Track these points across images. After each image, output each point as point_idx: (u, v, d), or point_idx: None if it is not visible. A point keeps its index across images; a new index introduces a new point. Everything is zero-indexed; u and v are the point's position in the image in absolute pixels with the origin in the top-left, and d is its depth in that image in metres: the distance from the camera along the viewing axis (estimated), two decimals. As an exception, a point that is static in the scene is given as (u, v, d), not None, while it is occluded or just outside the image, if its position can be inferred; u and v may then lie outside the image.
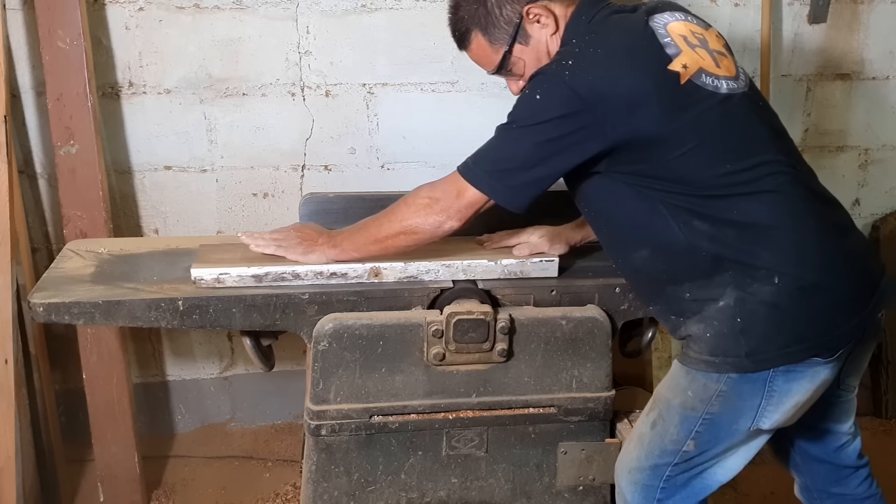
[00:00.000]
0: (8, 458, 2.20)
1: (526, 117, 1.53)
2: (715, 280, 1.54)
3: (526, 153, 1.53)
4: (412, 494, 1.84)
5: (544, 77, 1.53)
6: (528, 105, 1.53)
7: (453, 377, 1.77)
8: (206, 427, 2.92)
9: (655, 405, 1.67)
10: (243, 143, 2.62)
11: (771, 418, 1.57)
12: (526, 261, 1.83)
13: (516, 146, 1.55)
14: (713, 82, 1.53)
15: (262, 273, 1.76)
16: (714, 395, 1.56)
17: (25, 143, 2.53)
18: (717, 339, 1.54)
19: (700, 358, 1.57)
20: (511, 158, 1.55)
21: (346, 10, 2.54)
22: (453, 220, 1.62)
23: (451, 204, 1.61)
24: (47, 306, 1.70)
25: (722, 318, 1.54)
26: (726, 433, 1.60)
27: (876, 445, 2.88)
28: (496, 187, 1.57)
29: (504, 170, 1.56)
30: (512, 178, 1.55)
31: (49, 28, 2.30)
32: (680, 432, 1.61)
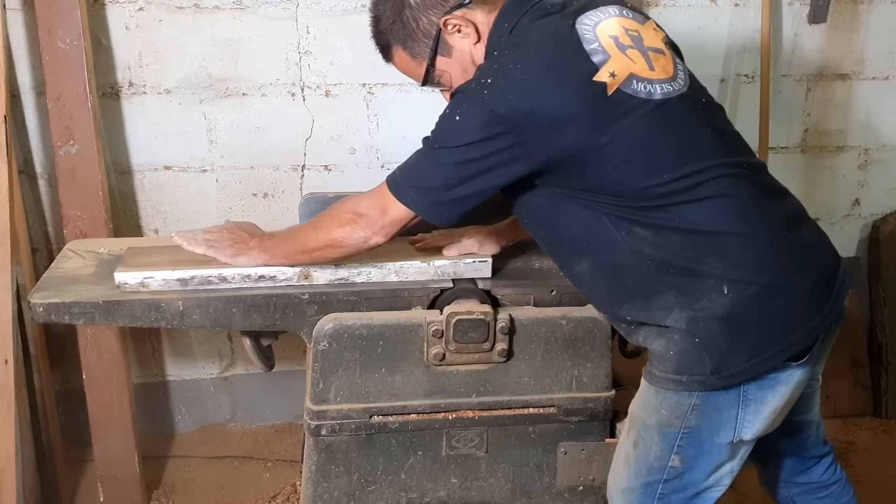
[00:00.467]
0: (8, 458, 2.20)
1: (446, 138, 1.49)
2: (656, 301, 1.49)
3: (448, 173, 1.49)
4: (412, 494, 1.84)
5: (463, 97, 1.49)
6: (449, 125, 1.49)
7: (453, 377, 1.77)
8: (206, 427, 2.92)
9: (633, 425, 1.62)
10: (243, 143, 2.62)
11: (752, 427, 1.52)
12: (459, 262, 1.82)
13: (438, 166, 1.51)
14: (645, 88, 1.46)
15: (188, 277, 1.73)
16: (688, 411, 1.51)
17: (25, 143, 2.53)
18: (681, 356, 1.49)
19: (666, 377, 1.51)
20: (434, 177, 1.51)
21: (346, 10, 2.54)
22: (378, 236, 1.60)
23: (377, 220, 1.58)
24: (47, 306, 1.70)
25: (677, 337, 1.49)
26: (709, 446, 1.55)
27: (876, 445, 2.88)
28: (421, 204, 1.54)
29: (428, 188, 1.52)
30: (437, 196, 1.52)
31: (49, 28, 2.30)
32: (662, 449, 1.56)
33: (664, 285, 1.48)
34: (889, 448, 2.88)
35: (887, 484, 2.67)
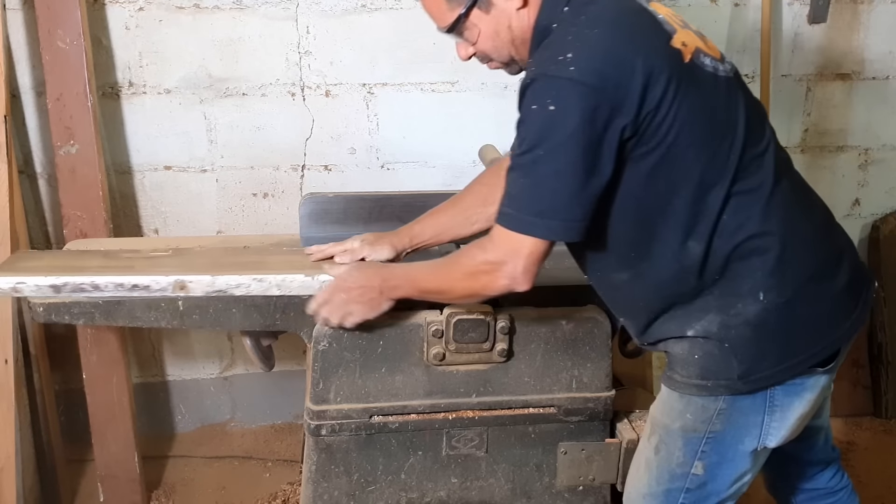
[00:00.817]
0: (8, 458, 2.20)
1: (549, 135, 1.33)
2: (696, 304, 1.46)
3: (569, 176, 1.34)
4: (412, 494, 1.84)
5: (548, 83, 1.34)
6: (545, 121, 1.34)
7: (453, 377, 1.77)
8: (206, 427, 2.92)
9: (654, 430, 1.59)
10: (243, 143, 2.62)
11: (777, 434, 1.50)
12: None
13: (554, 174, 1.35)
14: (710, 63, 1.42)
15: (60, 283, 1.67)
16: (714, 415, 1.49)
17: (25, 143, 2.53)
18: (707, 361, 1.46)
19: (690, 382, 1.49)
20: (557, 188, 1.35)
21: (346, 10, 2.54)
22: (522, 284, 1.44)
23: (517, 265, 1.41)
24: (47, 306, 1.71)
25: (706, 342, 1.46)
26: (733, 453, 1.52)
27: (876, 445, 2.88)
28: (555, 227, 1.38)
29: (555, 205, 1.36)
30: (567, 208, 1.37)
31: (49, 28, 2.30)
32: (686, 454, 1.54)
33: (706, 289, 1.45)
34: (889, 448, 2.88)
35: (887, 484, 2.66)
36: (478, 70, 2.63)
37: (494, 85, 2.68)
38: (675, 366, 1.52)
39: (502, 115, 2.71)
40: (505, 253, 1.42)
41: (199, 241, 2.09)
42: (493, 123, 2.70)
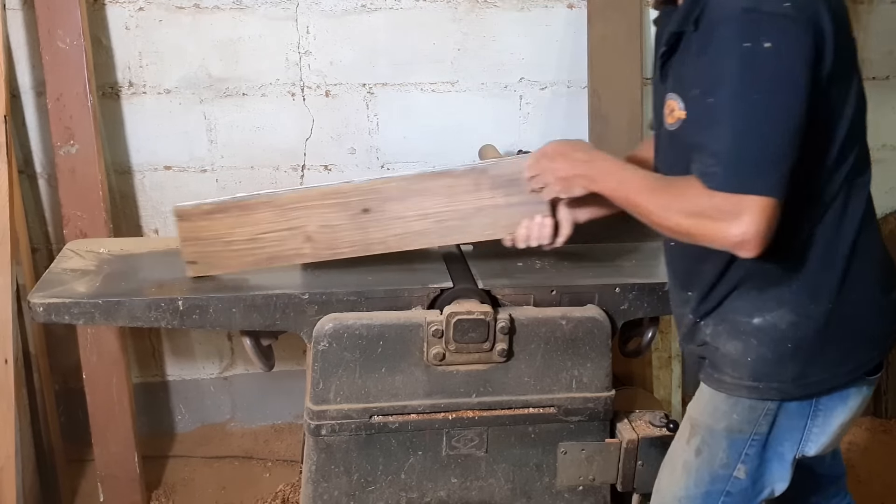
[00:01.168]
0: (8, 458, 2.20)
1: (764, 78, 1.21)
2: (769, 293, 1.41)
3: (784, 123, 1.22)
4: (412, 494, 1.84)
5: (761, 18, 1.21)
6: (759, 61, 1.20)
7: (453, 377, 1.77)
8: (206, 427, 2.92)
9: (696, 432, 1.55)
10: (243, 143, 2.62)
11: (817, 442, 1.49)
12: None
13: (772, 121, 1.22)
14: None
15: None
16: (761, 416, 1.46)
17: (25, 143, 2.53)
18: (760, 363, 1.43)
19: (741, 384, 1.45)
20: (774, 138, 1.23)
21: (346, 10, 2.54)
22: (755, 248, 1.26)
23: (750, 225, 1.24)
24: (47, 306, 1.70)
25: (766, 339, 1.42)
26: (773, 459, 1.51)
27: (876, 445, 2.88)
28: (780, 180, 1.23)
29: (778, 154, 1.23)
30: (788, 157, 1.23)
31: (49, 28, 2.30)
32: (729, 456, 1.51)
33: (788, 280, 1.40)
34: (889, 448, 2.88)
35: (887, 484, 2.66)
36: (478, 70, 2.65)
37: (494, 85, 2.68)
38: (724, 366, 1.48)
39: (502, 115, 2.71)
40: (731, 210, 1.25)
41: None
42: (493, 123, 2.71)
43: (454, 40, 2.62)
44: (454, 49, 2.63)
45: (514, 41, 2.64)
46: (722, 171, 1.24)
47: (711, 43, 1.26)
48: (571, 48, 2.67)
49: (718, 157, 1.25)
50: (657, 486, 1.68)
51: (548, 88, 2.72)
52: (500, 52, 2.65)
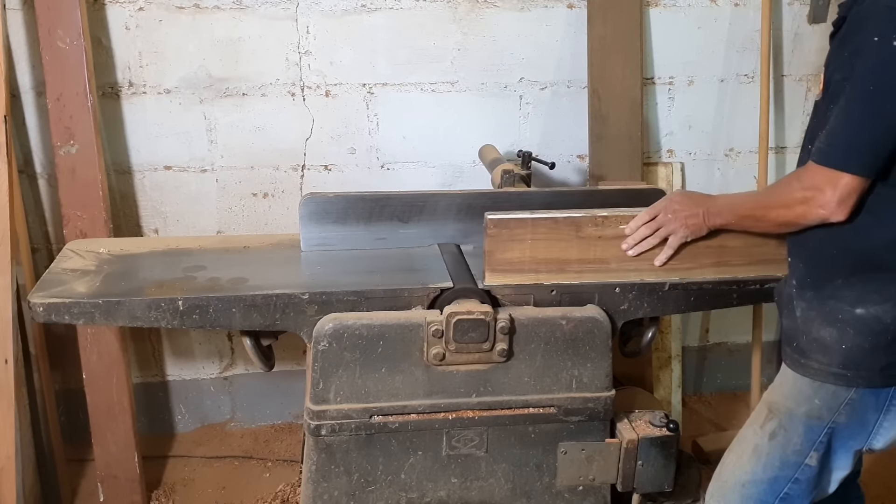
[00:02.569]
0: (8, 458, 2.20)
1: (883, 71, 1.33)
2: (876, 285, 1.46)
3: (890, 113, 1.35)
4: (412, 494, 1.84)
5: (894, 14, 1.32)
6: (883, 54, 1.32)
7: (453, 377, 1.77)
8: (206, 427, 2.92)
9: (773, 415, 1.59)
10: (243, 143, 2.62)
11: (886, 436, 1.53)
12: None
13: (878, 109, 1.35)
14: None
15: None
16: (843, 403, 1.50)
17: (25, 143, 2.53)
18: (854, 352, 1.47)
19: (828, 370, 1.49)
20: (874, 125, 1.37)
21: (346, 10, 2.54)
22: (838, 214, 1.45)
23: (832, 196, 1.43)
24: (47, 306, 1.70)
25: (865, 330, 1.46)
26: (842, 450, 1.55)
27: (876, 445, 2.88)
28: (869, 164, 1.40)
29: (866, 141, 1.38)
30: (875, 147, 1.38)
31: (49, 28, 2.30)
32: (804, 442, 1.55)
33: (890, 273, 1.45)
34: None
35: (887, 484, 2.66)
36: (478, 70, 2.65)
37: (494, 85, 2.68)
38: (813, 352, 1.52)
39: (502, 115, 2.71)
40: (820, 184, 1.45)
41: (199, 241, 2.09)
42: (493, 123, 2.71)
43: (454, 40, 2.62)
44: (454, 49, 2.63)
45: (514, 41, 2.64)
46: (828, 147, 1.42)
47: (855, 34, 1.38)
48: (571, 48, 2.67)
49: (830, 134, 1.42)
50: (718, 472, 1.69)
51: (548, 88, 2.72)
52: (500, 52, 2.65)
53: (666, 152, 2.85)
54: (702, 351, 3.15)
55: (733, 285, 1.86)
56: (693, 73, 2.77)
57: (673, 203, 1.77)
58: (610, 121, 2.67)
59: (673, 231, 1.76)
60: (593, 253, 1.81)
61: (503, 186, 2.18)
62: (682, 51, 2.74)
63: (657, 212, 1.77)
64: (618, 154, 2.68)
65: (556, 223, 1.78)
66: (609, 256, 1.81)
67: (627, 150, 2.69)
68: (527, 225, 1.78)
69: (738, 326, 3.06)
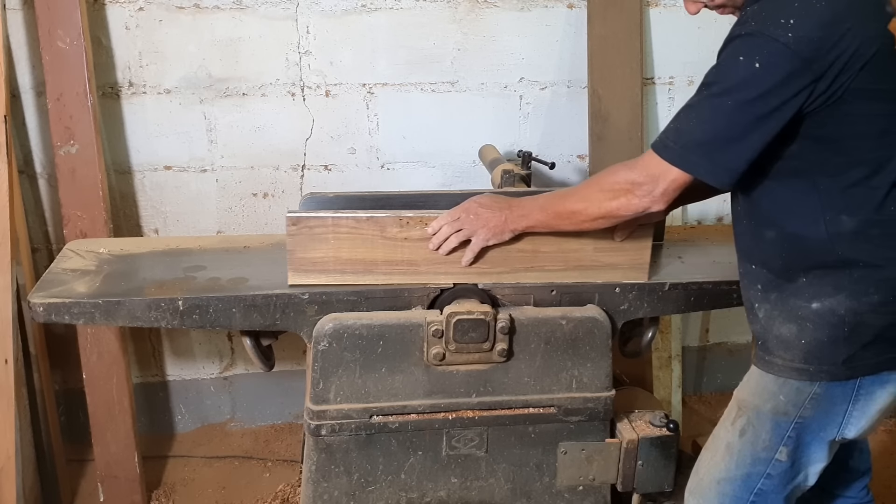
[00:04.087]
0: (8, 458, 2.20)
1: (745, 86, 1.38)
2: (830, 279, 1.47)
3: (744, 126, 1.40)
4: (412, 494, 1.84)
5: (762, 41, 1.37)
6: (746, 72, 1.38)
7: (453, 377, 1.77)
8: (206, 427, 2.92)
9: (742, 412, 1.60)
10: (243, 143, 2.62)
11: (857, 425, 1.53)
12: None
13: (733, 119, 1.40)
14: None
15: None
16: (807, 399, 1.51)
17: (25, 143, 2.53)
18: (813, 346, 1.49)
19: (791, 366, 1.51)
20: (725, 132, 1.41)
21: (346, 10, 2.54)
22: (658, 203, 1.52)
23: (654, 188, 1.50)
24: (47, 306, 1.70)
25: (823, 324, 1.48)
26: (814, 442, 1.55)
27: (876, 446, 2.88)
28: (709, 166, 1.45)
29: (714, 147, 1.43)
30: (723, 154, 1.43)
31: (49, 28, 2.30)
32: (772, 438, 1.56)
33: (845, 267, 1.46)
34: (890, 448, 2.88)
35: (887, 484, 2.67)
36: (478, 70, 2.65)
37: (494, 85, 2.68)
38: (776, 349, 1.53)
39: (502, 115, 2.71)
40: (650, 175, 1.50)
41: (199, 241, 2.09)
42: (493, 123, 2.70)
43: (454, 40, 2.62)
44: (454, 49, 2.63)
45: (514, 41, 2.64)
46: (674, 146, 1.47)
47: (724, 51, 1.45)
48: (571, 48, 2.67)
49: (677, 134, 1.47)
50: (696, 469, 1.71)
51: (548, 88, 2.72)
52: (500, 52, 2.65)
53: (666, 152, 2.85)
54: (702, 351, 3.15)
55: (733, 285, 1.86)
56: (693, 73, 2.77)
57: (475, 204, 1.73)
58: (610, 121, 2.67)
59: (474, 233, 1.72)
60: (400, 254, 1.76)
61: (503, 186, 2.18)
62: (682, 51, 2.74)
63: (459, 213, 1.73)
64: (618, 154, 2.68)
65: (357, 223, 1.72)
66: (417, 258, 1.76)
67: (627, 150, 2.69)
68: (328, 224, 1.72)
69: (738, 326, 3.06)
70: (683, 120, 1.47)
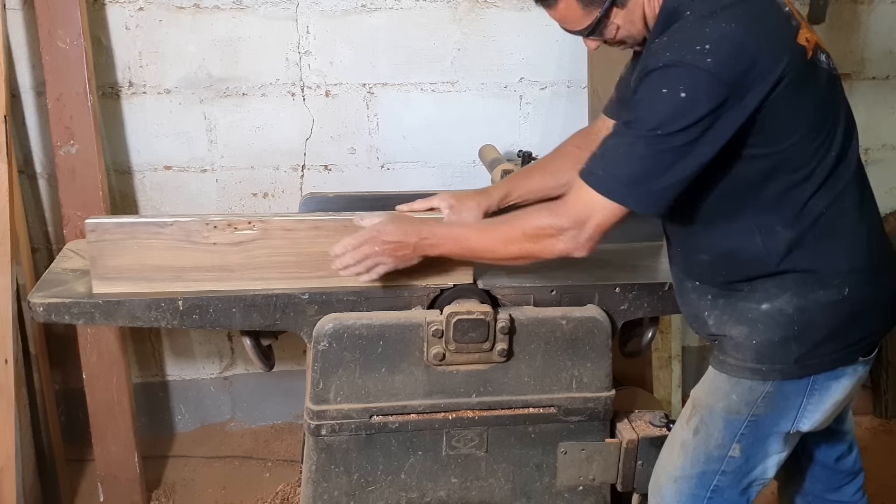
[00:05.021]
0: (8, 458, 2.20)
1: (671, 118, 1.37)
2: (773, 281, 1.49)
3: (674, 156, 1.39)
4: (412, 494, 1.84)
5: (684, 70, 1.36)
6: (671, 104, 1.37)
7: (453, 377, 1.77)
8: (206, 427, 2.92)
9: (696, 411, 1.62)
10: (243, 143, 2.62)
11: (811, 419, 1.54)
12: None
13: (661, 152, 1.39)
14: (825, 60, 1.46)
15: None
16: (760, 398, 1.52)
17: (25, 143, 2.53)
18: (765, 346, 1.50)
19: (744, 366, 1.52)
20: (656, 165, 1.40)
21: (346, 10, 2.54)
22: (582, 250, 1.49)
23: (580, 233, 1.47)
24: (47, 306, 1.70)
25: (772, 324, 1.49)
26: (768, 436, 1.56)
27: (876, 445, 2.88)
28: (640, 199, 1.42)
29: (645, 178, 1.41)
30: (659, 185, 1.41)
31: (49, 28, 2.30)
32: (725, 436, 1.57)
33: (787, 271, 1.48)
34: (889, 448, 2.88)
35: (887, 484, 2.66)
36: (478, 70, 2.65)
37: (494, 85, 2.68)
38: (729, 349, 1.54)
39: (502, 115, 2.71)
40: (576, 217, 1.47)
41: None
42: (493, 123, 2.70)
43: (454, 40, 2.62)
44: (454, 49, 2.63)
45: (514, 41, 2.64)
46: (604, 174, 1.43)
47: (641, 86, 1.42)
48: (571, 48, 2.67)
49: (606, 164, 1.44)
50: (655, 468, 1.73)
51: (548, 88, 2.72)
52: (500, 52, 2.65)
53: (666, 152, 2.85)
54: (702, 351, 3.14)
55: (733, 285, 1.86)
56: (693, 73, 2.77)
57: (381, 233, 1.65)
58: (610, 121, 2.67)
59: (380, 262, 1.65)
60: (212, 260, 1.69)
61: (503, 186, 2.17)
62: (682, 51, 2.74)
63: (363, 242, 1.65)
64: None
65: (161, 227, 1.66)
66: (232, 263, 1.70)
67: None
68: (126, 229, 1.66)
69: (738, 326, 3.06)
70: (612, 153, 1.44)
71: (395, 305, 1.77)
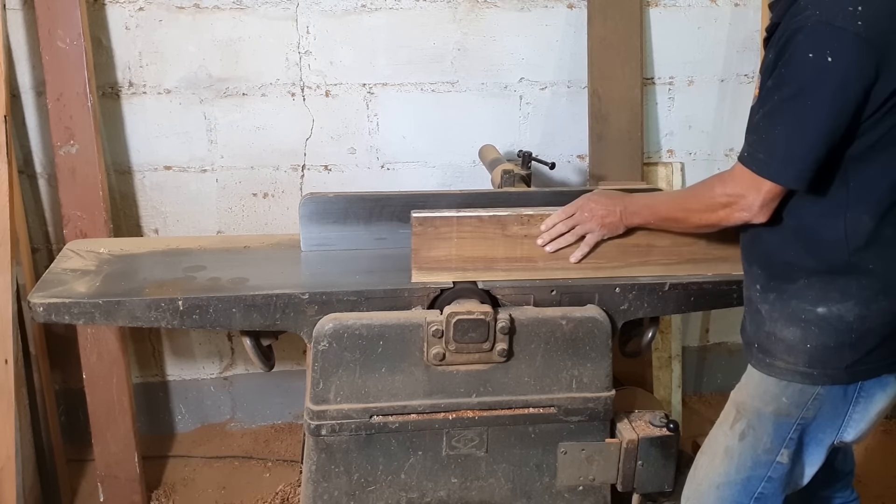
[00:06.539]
0: (8, 458, 2.20)
1: (819, 88, 1.33)
2: (836, 284, 1.46)
3: (821, 125, 1.35)
4: (412, 494, 1.84)
5: (832, 33, 1.31)
6: (819, 72, 1.32)
7: (453, 377, 1.77)
8: (206, 427, 2.92)
9: (742, 416, 1.59)
10: (243, 143, 2.62)
11: (856, 428, 1.53)
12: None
13: (811, 121, 1.36)
14: None
15: None
16: (810, 399, 1.51)
17: (25, 143, 2.53)
18: (819, 350, 1.48)
19: (795, 370, 1.50)
20: (810, 140, 1.37)
21: (346, 10, 2.54)
22: (759, 217, 1.48)
23: (756, 199, 1.46)
24: (47, 306, 1.70)
25: (829, 329, 1.46)
26: (814, 445, 1.56)
27: (876, 446, 2.88)
28: (797, 176, 1.40)
29: (803, 154, 1.38)
30: (806, 157, 1.38)
31: (49, 28, 2.30)
32: (774, 440, 1.55)
33: (853, 272, 1.45)
34: (889, 448, 2.88)
35: (887, 484, 2.67)
36: (478, 70, 2.65)
37: (494, 85, 2.68)
38: (779, 352, 1.52)
39: (502, 115, 2.71)
40: (746, 188, 1.47)
41: (199, 241, 2.09)
42: (493, 123, 2.71)
43: (454, 40, 2.62)
44: (454, 49, 2.63)
45: (514, 41, 2.64)
46: (764, 157, 1.43)
47: (788, 46, 1.37)
48: (571, 48, 2.67)
49: (764, 144, 1.42)
50: (692, 475, 1.69)
51: (548, 88, 2.72)
52: (500, 52, 2.65)
53: (666, 152, 2.85)
54: (702, 351, 3.15)
55: (733, 285, 1.86)
56: (693, 73, 2.77)
57: (590, 202, 1.77)
58: (610, 121, 2.67)
59: (590, 230, 1.77)
60: (520, 251, 1.80)
61: (503, 186, 2.18)
62: (682, 51, 2.74)
63: (574, 210, 1.78)
64: (618, 154, 2.68)
65: (481, 221, 1.78)
66: (536, 255, 1.80)
67: (627, 150, 2.69)
68: (452, 223, 1.77)
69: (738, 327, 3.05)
70: (767, 129, 1.42)
71: (395, 305, 1.77)
